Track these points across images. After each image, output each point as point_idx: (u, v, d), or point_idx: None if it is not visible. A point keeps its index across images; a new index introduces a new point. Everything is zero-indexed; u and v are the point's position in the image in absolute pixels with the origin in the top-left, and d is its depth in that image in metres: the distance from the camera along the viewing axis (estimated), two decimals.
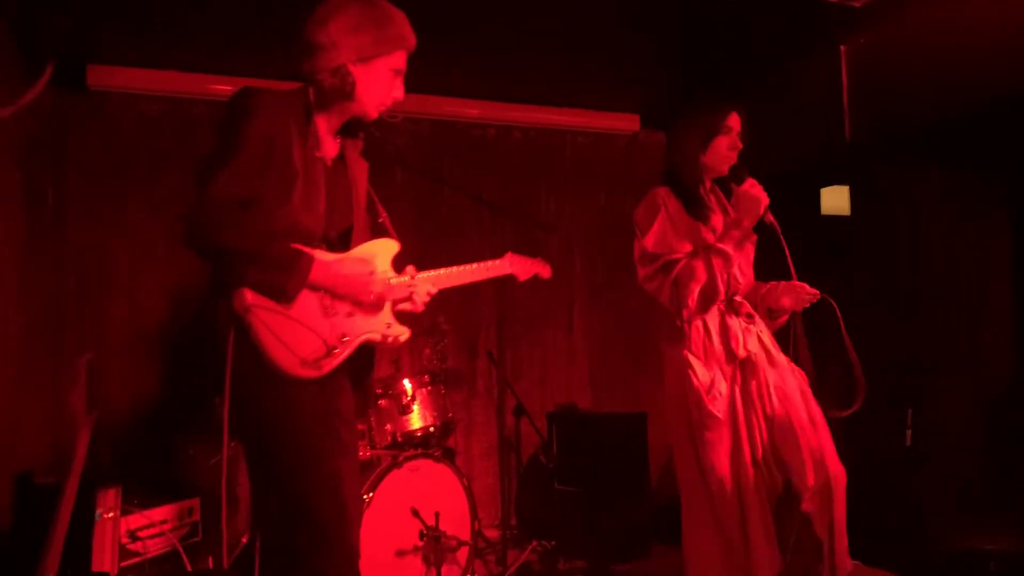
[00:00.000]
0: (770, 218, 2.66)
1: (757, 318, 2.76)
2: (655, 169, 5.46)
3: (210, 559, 3.36)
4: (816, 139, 3.95)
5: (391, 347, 2.22)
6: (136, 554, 3.14)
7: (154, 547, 3.22)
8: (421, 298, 2.23)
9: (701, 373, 2.65)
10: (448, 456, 3.77)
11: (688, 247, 2.68)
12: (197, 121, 4.45)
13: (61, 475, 2.88)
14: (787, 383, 2.67)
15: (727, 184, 2.86)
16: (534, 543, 4.01)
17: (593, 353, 5.33)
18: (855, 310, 2.73)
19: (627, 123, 5.36)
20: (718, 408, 2.61)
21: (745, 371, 2.67)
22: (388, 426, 3.58)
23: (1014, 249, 3.87)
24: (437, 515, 3.31)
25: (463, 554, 3.45)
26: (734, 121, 2.78)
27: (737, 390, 2.65)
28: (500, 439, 3.82)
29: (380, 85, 2.13)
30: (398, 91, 2.16)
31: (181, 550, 3.26)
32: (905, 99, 3.78)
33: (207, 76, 4.35)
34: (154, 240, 4.36)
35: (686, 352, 2.67)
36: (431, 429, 3.65)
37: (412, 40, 2.15)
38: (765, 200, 2.64)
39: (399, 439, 3.58)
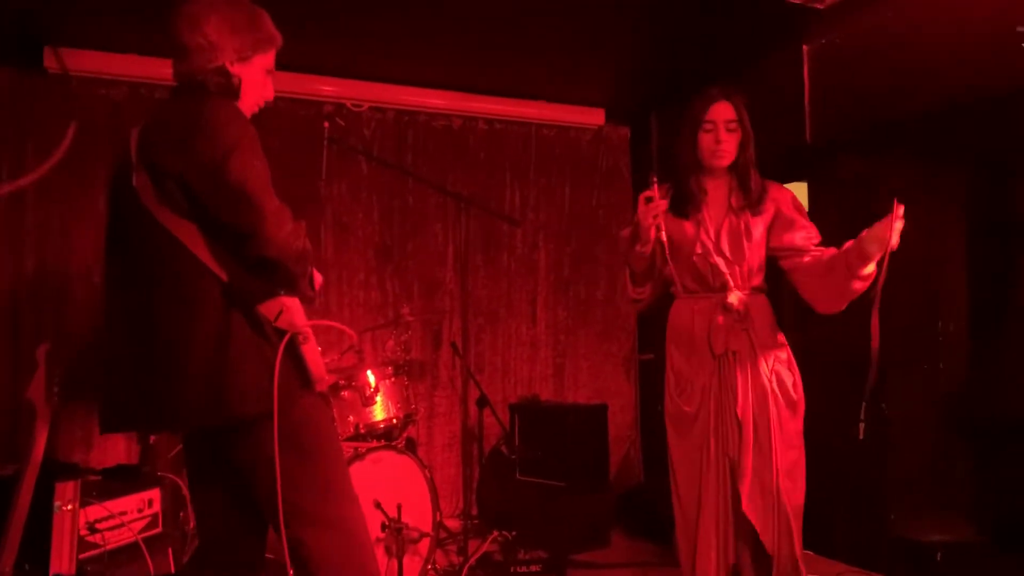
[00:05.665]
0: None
1: (751, 316, 2.58)
2: (619, 163, 5.59)
3: (170, 551, 3.34)
4: (778, 139, 4.00)
5: None
6: (95, 546, 3.11)
7: (114, 539, 3.19)
8: None
9: (677, 363, 2.66)
10: (410, 447, 3.78)
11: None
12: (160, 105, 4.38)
13: (19, 467, 2.86)
14: (766, 388, 2.53)
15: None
16: (495, 533, 4.04)
17: (556, 345, 5.36)
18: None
19: (592, 117, 5.39)
20: (689, 403, 2.59)
21: (724, 368, 2.56)
22: (351, 418, 3.58)
23: (968, 244, 3.98)
24: (399, 507, 3.33)
25: (424, 545, 3.47)
26: (717, 114, 2.60)
27: (716, 385, 2.56)
28: (463, 430, 3.84)
29: (257, 84, 2.14)
30: (269, 91, 2.18)
31: (141, 542, 3.24)
32: (864, 99, 3.85)
33: (169, 60, 4.26)
34: None
35: (668, 342, 2.69)
36: (394, 421, 3.65)
37: (280, 39, 2.17)
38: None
39: (362, 431, 3.58)
